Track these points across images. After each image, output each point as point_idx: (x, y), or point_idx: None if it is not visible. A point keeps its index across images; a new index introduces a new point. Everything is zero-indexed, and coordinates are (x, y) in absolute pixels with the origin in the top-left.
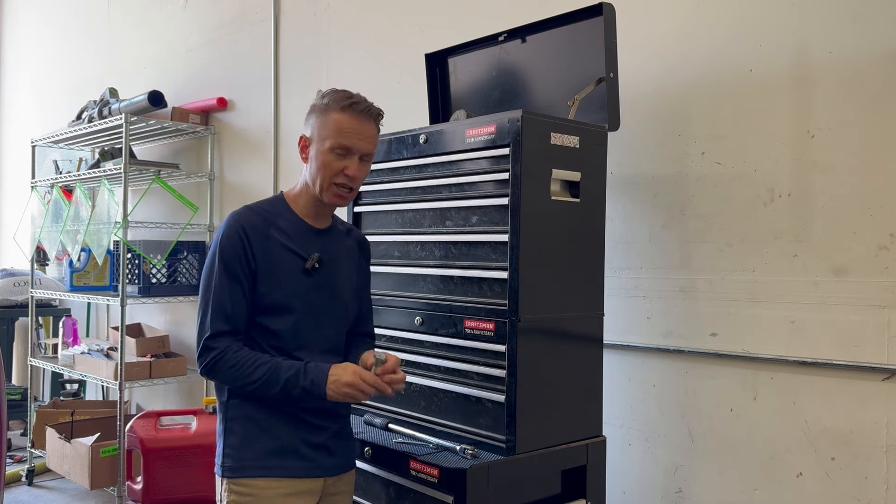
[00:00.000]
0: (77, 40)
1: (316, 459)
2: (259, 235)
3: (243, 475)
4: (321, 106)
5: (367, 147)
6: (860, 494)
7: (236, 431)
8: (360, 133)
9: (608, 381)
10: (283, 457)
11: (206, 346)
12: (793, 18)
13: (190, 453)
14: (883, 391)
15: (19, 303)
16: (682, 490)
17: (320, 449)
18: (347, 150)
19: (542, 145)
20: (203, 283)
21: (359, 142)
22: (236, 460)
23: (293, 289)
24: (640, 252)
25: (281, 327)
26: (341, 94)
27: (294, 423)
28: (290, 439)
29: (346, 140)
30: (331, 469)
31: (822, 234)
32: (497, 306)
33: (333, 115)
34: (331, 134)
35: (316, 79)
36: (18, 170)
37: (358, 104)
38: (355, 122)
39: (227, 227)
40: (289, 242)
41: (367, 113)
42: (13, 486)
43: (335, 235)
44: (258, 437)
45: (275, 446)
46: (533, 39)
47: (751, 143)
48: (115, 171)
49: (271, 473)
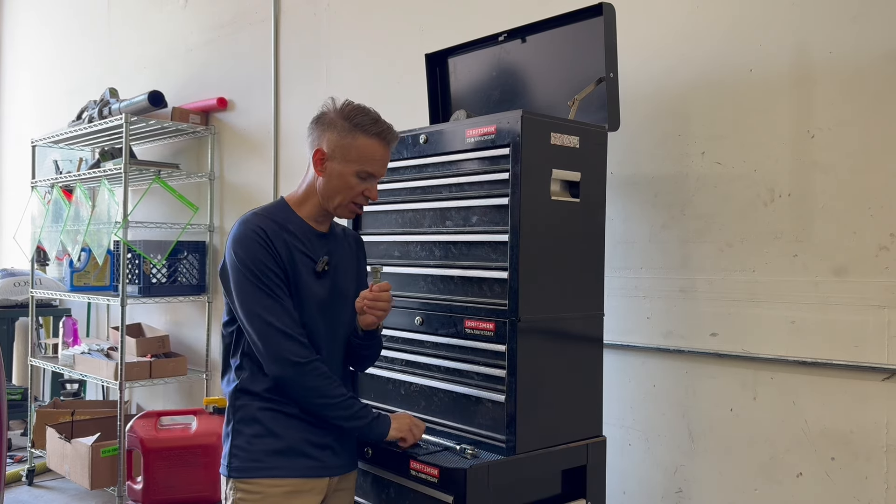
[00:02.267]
0: (77, 40)
1: (322, 459)
2: (278, 240)
3: (250, 475)
4: (345, 126)
5: (385, 171)
6: (860, 494)
7: (243, 432)
8: (386, 159)
9: (608, 381)
10: (290, 457)
11: (294, 354)
12: (793, 18)
13: (190, 453)
14: (883, 391)
15: (19, 303)
16: (682, 490)
17: (326, 449)
18: (372, 176)
19: (542, 145)
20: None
21: (383, 168)
22: (243, 460)
23: (308, 291)
24: (640, 252)
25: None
26: (368, 118)
27: (299, 423)
28: (295, 439)
29: (374, 168)
30: (336, 469)
31: (822, 234)
32: (497, 306)
33: (362, 139)
34: (358, 159)
35: (316, 78)
36: (18, 170)
37: (387, 131)
38: (383, 150)
39: (249, 236)
40: (301, 246)
41: (394, 140)
42: (13, 485)
43: (336, 237)
44: (265, 437)
45: (281, 446)
46: (533, 39)
47: (751, 143)
48: (115, 171)
49: (278, 473)
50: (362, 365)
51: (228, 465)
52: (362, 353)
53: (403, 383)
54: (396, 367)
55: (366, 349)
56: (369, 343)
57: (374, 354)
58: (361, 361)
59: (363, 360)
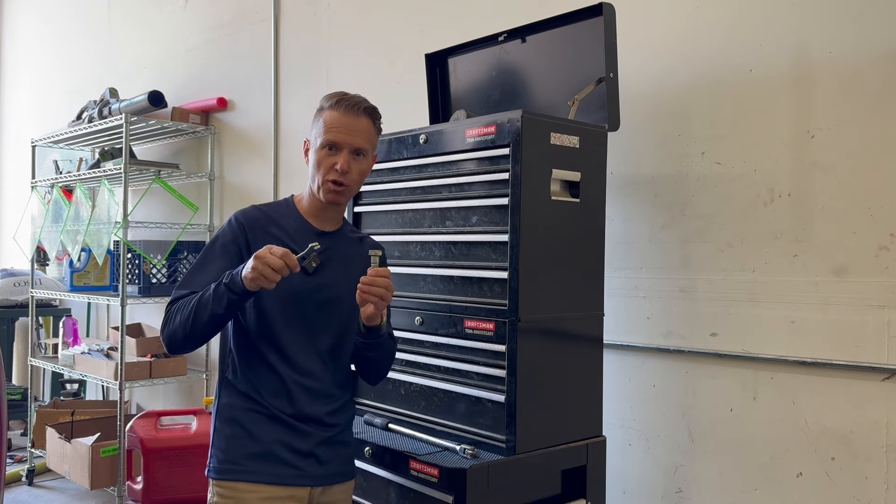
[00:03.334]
0: (77, 40)
1: (301, 467)
2: (258, 229)
3: (226, 477)
4: (318, 109)
5: (354, 141)
6: (860, 494)
7: (223, 433)
8: (348, 127)
9: (608, 381)
10: (265, 461)
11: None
12: (793, 18)
13: (190, 453)
14: (883, 391)
15: (19, 303)
16: (682, 490)
17: (308, 457)
18: (336, 146)
19: (542, 145)
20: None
21: (345, 136)
22: (220, 462)
23: (286, 286)
24: (640, 252)
25: (270, 324)
26: (333, 94)
27: (278, 427)
28: (272, 444)
29: (333, 136)
30: (319, 479)
31: (822, 234)
32: (497, 306)
33: (324, 114)
34: (321, 132)
35: (316, 79)
36: (18, 170)
37: (346, 100)
38: (343, 118)
39: (228, 220)
40: (287, 240)
41: (354, 108)
42: (13, 486)
43: (343, 239)
44: (242, 439)
45: (257, 450)
46: (533, 39)
47: (751, 143)
48: (115, 171)
49: (252, 478)
50: (371, 373)
51: (208, 465)
52: (366, 354)
53: (403, 383)
54: (396, 367)
55: (369, 349)
56: (371, 342)
57: (383, 359)
58: (369, 368)
59: (370, 365)
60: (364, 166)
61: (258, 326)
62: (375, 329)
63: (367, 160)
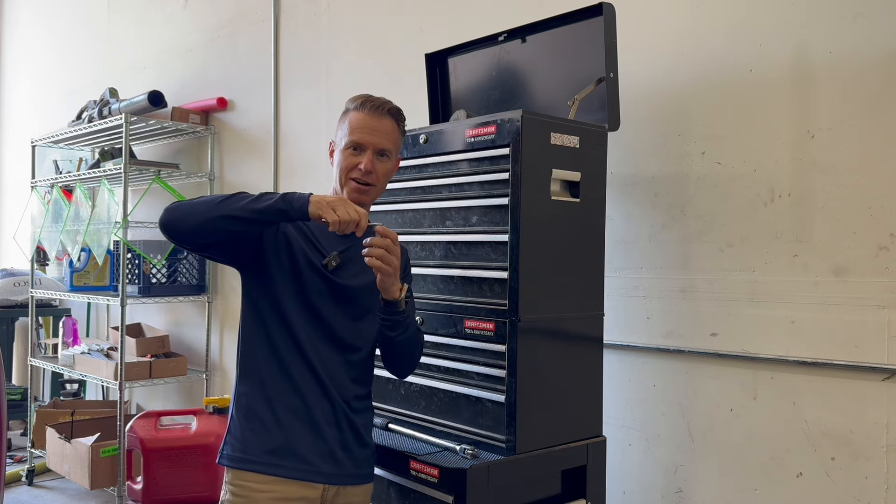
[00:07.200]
0: (77, 41)
1: (315, 464)
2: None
3: (239, 466)
4: (343, 112)
5: (378, 141)
6: (860, 494)
7: (240, 423)
8: (372, 128)
9: (608, 381)
10: (279, 455)
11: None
12: (793, 18)
13: (190, 453)
14: (883, 391)
15: (19, 303)
16: (682, 490)
17: (324, 454)
18: (360, 146)
19: (542, 145)
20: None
21: (369, 136)
22: (234, 450)
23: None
24: (640, 252)
25: (289, 321)
26: (358, 96)
27: (299, 422)
28: (289, 439)
29: (357, 136)
30: (333, 478)
31: (822, 234)
32: (497, 306)
33: (349, 115)
34: (346, 133)
35: (316, 79)
36: (18, 170)
37: (370, 102)
38: (367, 119)
39: None
40: (312, 238)
41: (379, 110)
42: (13, 486)
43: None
44: (259, 431)
45: (273, 444)
46: (533, 39)
47: (751, 143)
48: (115, 171)
49: (265, 470)
50: (399, 362)
51: (221, 451)
52: (388, 335)
53: (403, 383)
54: None
55: (390, 329)
56: (391, 320)
57: (408, 347)
58: (394, 355)
59: (395, 352)
60: (388, 167)
61: (277, 322)
62: (394, 304)
63: (392, 161)
